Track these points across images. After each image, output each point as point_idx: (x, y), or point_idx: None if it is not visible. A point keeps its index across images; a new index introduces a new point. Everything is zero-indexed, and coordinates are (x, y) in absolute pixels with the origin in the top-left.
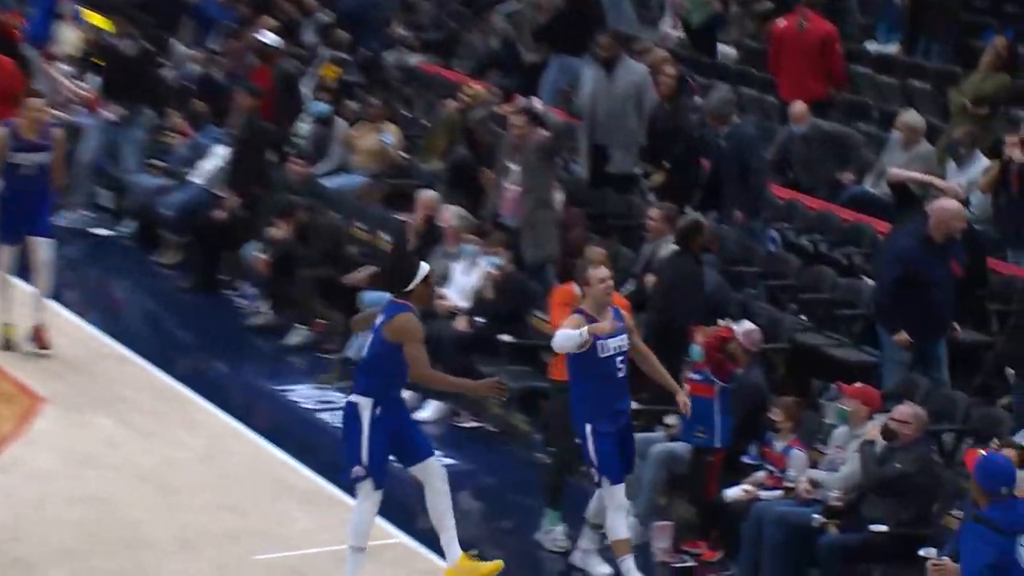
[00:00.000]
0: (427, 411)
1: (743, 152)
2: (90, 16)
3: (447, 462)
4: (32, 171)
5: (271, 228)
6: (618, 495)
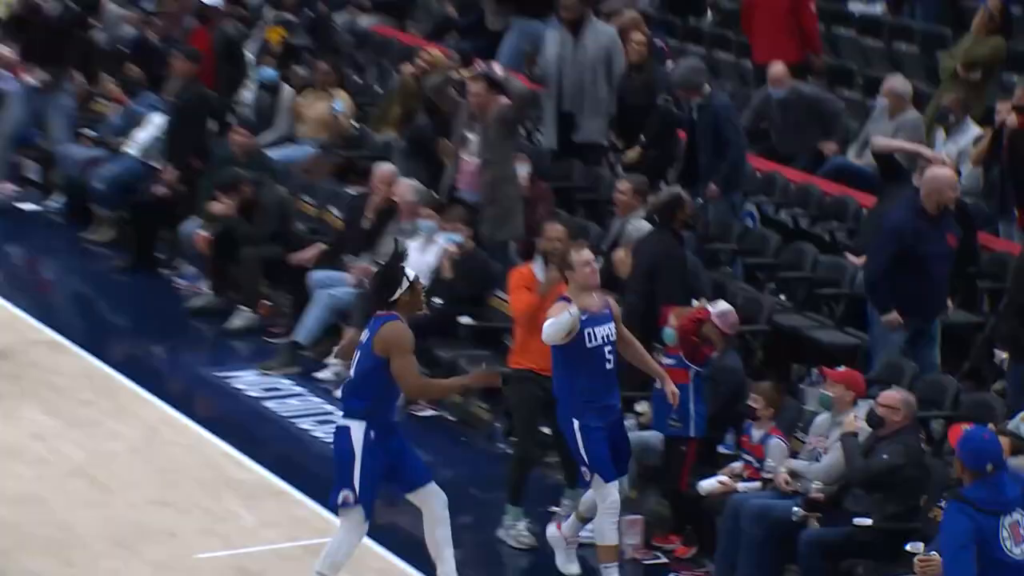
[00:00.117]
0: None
1: (718, 124)
2: None
3: None
4: None
5: (212, 203)
6: (610, 495)
